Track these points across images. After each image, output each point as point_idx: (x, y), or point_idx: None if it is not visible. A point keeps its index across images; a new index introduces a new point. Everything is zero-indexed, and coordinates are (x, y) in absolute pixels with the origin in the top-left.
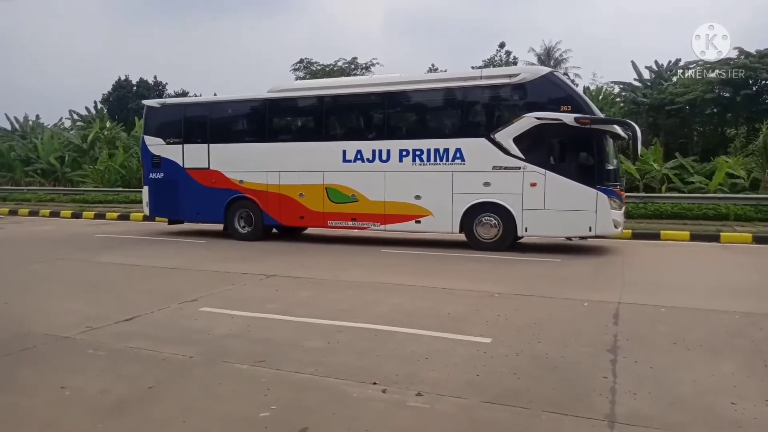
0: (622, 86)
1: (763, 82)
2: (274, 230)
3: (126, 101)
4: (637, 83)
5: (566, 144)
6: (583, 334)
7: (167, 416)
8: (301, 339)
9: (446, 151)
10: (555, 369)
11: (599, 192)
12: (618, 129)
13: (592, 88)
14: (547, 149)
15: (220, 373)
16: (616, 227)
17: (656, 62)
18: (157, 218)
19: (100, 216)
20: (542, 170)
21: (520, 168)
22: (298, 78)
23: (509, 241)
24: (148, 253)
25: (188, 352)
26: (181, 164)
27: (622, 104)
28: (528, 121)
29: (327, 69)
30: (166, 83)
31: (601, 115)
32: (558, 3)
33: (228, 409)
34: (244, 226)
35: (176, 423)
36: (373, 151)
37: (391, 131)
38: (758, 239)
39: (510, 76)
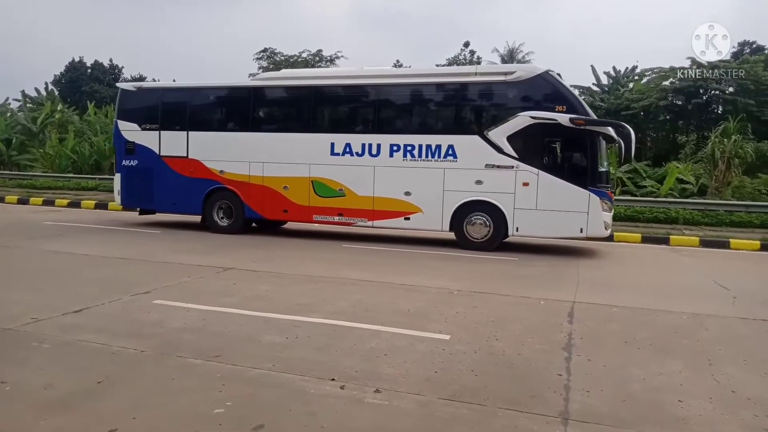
0: (581, 90)
1: (713, 92)
2: (254, 224)
3: (79, 83)
4: (595, 88)
5: (560, 144)
6: (539, 332)
7: (116, 412)
8: (259, 334)
9: (438, 147)
10: (511, 366)
11: (591, 193)
12: (611, 131)
13: None
14: (541, 149)
15: (173, 367)
16: (606, 229)
17: (614, 68)
18: (126, 208)
19: (48, 202)
20: (535, 170)
21: (513, 167)
22: (261, 68)
23: (499, 240)
24: (100, 243)
25: (140, 346)
26: (157, 152)
27: None
28: (522, 120)
29: (291, 60)
30: (123, 66)
31: (595, 117)
32: (522, 7)
33: (181, 405)
34: (223, 218)
35: (126, 419)
36: (363, 145)
37: (382, 125)
38: (705, 243)
39: (505, 73)
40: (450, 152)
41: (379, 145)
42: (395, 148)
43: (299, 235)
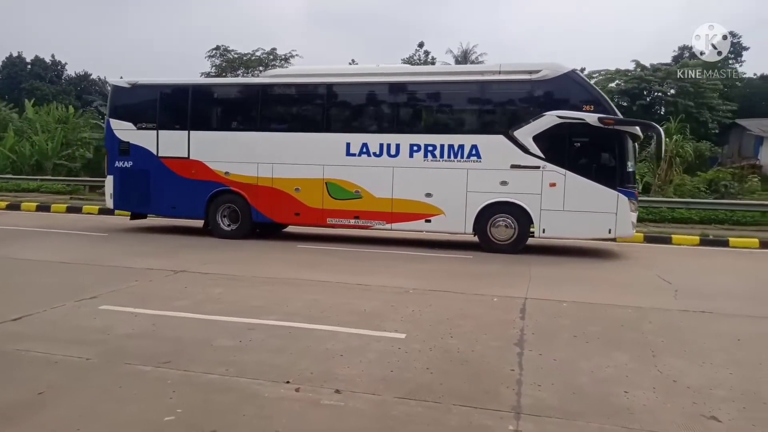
0: None
1: (656, 93)
2: (257, 230)
3: (18, 80)
4: None
5: (588, 144)
6: (493, 328)
7: (59, 423)
8: (211, 338)
9: (461, 147)
10: (466, 363)
11: (620, 194)
12: (638, 130)
13: None
14: (568, 149)
15: (120, 375)
16: (632, 229)
17: None
18: (117, 212)
19: None
20: (562, 170)
21: (539, 167)
22: (214, 66)
23: (524, 243)
24: (42, 247)
25: (85, 354)
26: (154, 152)
27: None
28: (549, 119)
29: (245, 58)
30: (66, 63)
31: (622, 116)
32: (475, 8)
33: (129, 414)
34: (228, 224)
35: (69, 430)
36: (381, 145)
37: (402, 125)
38: (648, 239)
39: (530, 72)
40: (473, 152)
41: (398, 146)
42: (416, 148)
43: (277, 238)
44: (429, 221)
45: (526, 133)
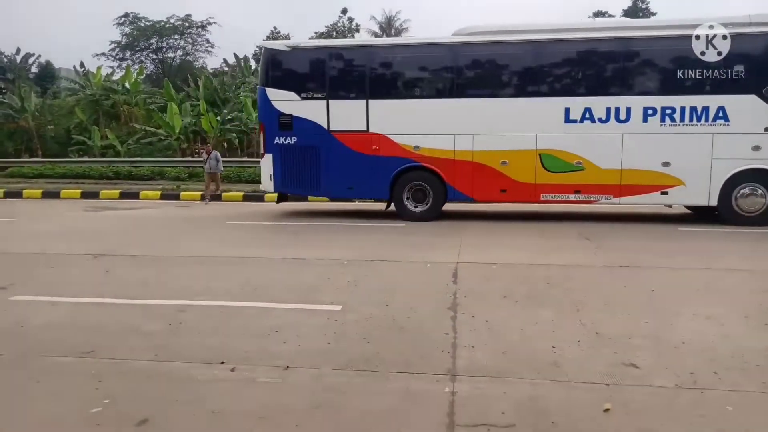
0: None
1: None
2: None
3: None
4: None
5: None
6: (427, 294)
7: None
8: (139, 323)
9: (705, 109)
10: (402, 330)
11: None
12: None
13: None
14: None
15: (38, 369)
16: None
17: None
18: (278, 195)
19: None
20: None
21: None
22: (123, 34)
23: None
24: None
25: None
26: (324, 126)
27: None
28: None
29: (158, 26)
30: None
31: None
32: None
33: (49, 409)
34: (416, 205)
35: None
36: (608, 110)
37: (632, 86)
38: None
39: None
40: (720, 115)
41: (628, 109)
42: (650, 112)
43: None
44: (666, 193)
45: None
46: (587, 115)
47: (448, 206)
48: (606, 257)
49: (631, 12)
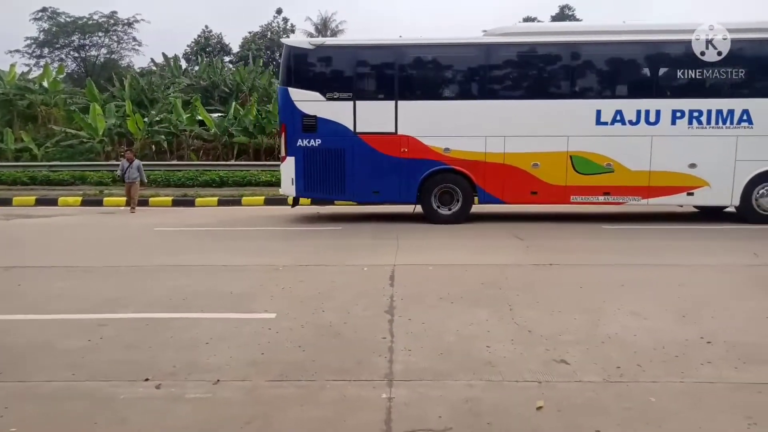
0: None
1: None
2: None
3: None
4: None
5: None
6: (364, 298)
7: None
8: (54, 340)
9: (731, 112)
10: (338, 336)
11: None
12: None
13: None
14: None
15: None
16: None
17: None
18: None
19: None
20: None
21: None
22: (41, 30)
23: None
24: None
25: None
26: (351, 128)
27: None
28: None
29: (80, 22)
30: None
31: None
32: None
33: None
34: (449, 208)
35: None
36: (638, 112)
37: (662, 89)
38: None
39: None
40: (744, 117)
41: (658, 112)
42: (679, 114)
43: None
44: (691, 194)
45: None
46: (618, 118)
47: (390, 208)
48: (537, 256)
49: (558, 19)
